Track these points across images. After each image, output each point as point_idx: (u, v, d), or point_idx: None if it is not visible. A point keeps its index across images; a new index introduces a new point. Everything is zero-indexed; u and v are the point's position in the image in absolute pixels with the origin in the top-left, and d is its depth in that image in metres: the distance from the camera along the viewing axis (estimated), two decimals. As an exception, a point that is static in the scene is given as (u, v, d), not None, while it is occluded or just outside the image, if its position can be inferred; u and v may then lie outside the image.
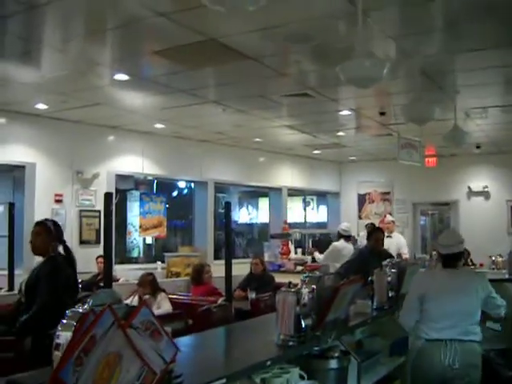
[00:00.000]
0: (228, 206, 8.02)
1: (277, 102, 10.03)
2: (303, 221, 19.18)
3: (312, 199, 19.73)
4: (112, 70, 8.24)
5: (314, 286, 4.12)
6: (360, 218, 18.06)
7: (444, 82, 8.98)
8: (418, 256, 13.96)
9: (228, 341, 4.76)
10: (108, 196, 6.45)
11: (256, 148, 15.22)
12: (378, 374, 5.41)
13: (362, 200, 18.39)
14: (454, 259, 5.35)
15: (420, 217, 18.36)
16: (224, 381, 3.09)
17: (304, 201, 19.57)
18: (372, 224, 13.02)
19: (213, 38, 6.73)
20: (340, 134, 13.31)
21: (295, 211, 19.08)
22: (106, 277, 6.36)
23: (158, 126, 12.09)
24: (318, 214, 19.85)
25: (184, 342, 4.29)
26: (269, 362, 3.64)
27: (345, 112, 10.93)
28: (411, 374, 5.44)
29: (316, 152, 16.07)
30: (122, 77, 8.46)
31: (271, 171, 16.34)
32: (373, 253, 8.48)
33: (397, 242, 12.47)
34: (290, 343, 3.95)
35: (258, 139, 13.92)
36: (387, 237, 12.22)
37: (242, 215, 19.89)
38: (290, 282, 4.16)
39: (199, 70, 8.17)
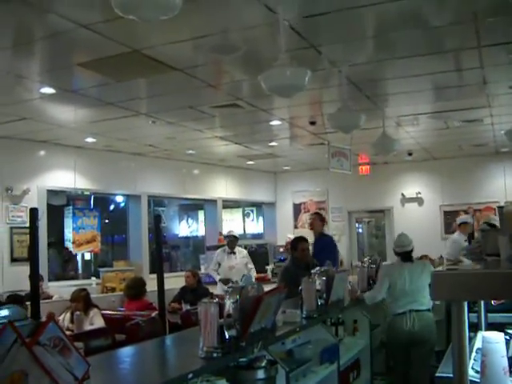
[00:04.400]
0: (158, 220, 7.95)
1: (207, 113, 9.97)
2: (243, 232, 19.13)
3: (252, 210, 19.69)
4: (38, 83, 8.09)
5: (237, 297, 4.09)
6: (296, 227, 18.12)
7: (372, 91, 9.06)
8: (355, 263, 13.95)
9: (152, 355, 4.69)
10: (33, 212, 6.32)
11: (189, 160, 15.11)
12: (308, 383, 5.42)
13: (297, 210, 18.43)
14: (409, 254, 7.41)
15: (356, 224, 18.52)
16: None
17: (243, 212, 19.55)
18: (233, 236, 12.72)
19: (137, 50, 6.67)
20: (273, 144, 13.33)
21: (235, 223, 19.02)
22: (32, 294, 6.21)
23: (89, 139, 11.91)
24: (257, 225, 19.79)
25: (106, 357, 4.22)
26: (190, 375, 3.59)
27: (276, 122, 10.95)
28: (386, 343, 7.61)
29: (250, 163, 16.05)
30: (48, 90, 8.31)
31: (205, 183, 16.24)
32: (300, 265, 8.36)
33: (241, 257, 12.48)
34: (214, 355, 3.91)
35: (190, 151, 13.82)
36: (230, 253, 12.29)
37: (182, 228, 19.78)
38: (212, 293, 4.13)
39: (127, 82, 8.07)
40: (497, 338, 2.70)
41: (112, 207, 17.15)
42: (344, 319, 7.10)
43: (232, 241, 12.49)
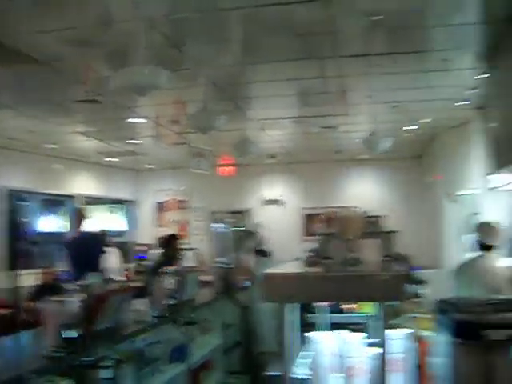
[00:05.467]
0: (13, 215, 7.74)
1: (68, 108, 9.74)
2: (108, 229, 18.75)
3: (118, 207, 19.39)
4: None
5: (83, 295, 4.06)
6: (158, 226, 18.03)
7: (235, 93, 9.15)
8: (222, 259, 13.90)
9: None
10: None
11: (51, 155, 14.59)
12: (156, 382, 5.43)
13: (159, 208, 18.39)
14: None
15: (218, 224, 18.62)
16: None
17: (109, 209, 19.22)
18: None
19: (-5, 39, 6.46)
20: (135, 141, 13.18)
21: (98, 220, 18.64)
22: None
23: None
24: (122, 222, 19.44)
25: None
26: (31, 375, 3.52)
27: (138, 120, 10.84)
28: None
29: (112, 160, 15.78)
30: None
31: (67, 179, 15.77)
32: (171, 262, 8.28)
33: (114, 257, 11.88)
34: (57, 354, 3.86)
35: (52, 145, 13.40)
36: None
37: (44, 224, 19.23)
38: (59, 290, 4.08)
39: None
40: (323, 338, 2.82)
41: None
42: (196, 319, 7.13)
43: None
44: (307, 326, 3.96)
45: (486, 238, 6.34)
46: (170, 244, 8.82)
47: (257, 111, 10.43)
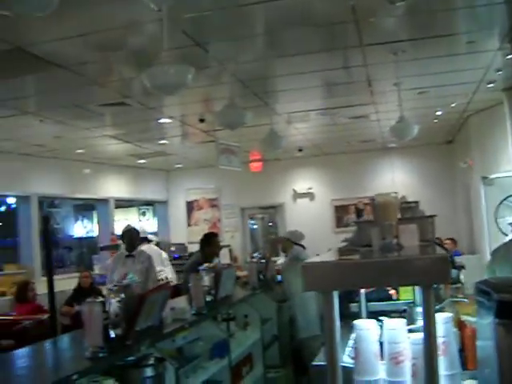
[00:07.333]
0: (46, 221, 7.80)
1: (95, 112, 9.77)
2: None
3: (148, 209, 19.48)
4: None
5: (122, 295, 4.08)
6: (189, 225, 18.10)
7: (260, 88, 9.14)
8: (255, 254, 13.92)
9: (37, 358, 4.61)
10: None
11: (79, 159, 14.67)
12: (198, 378, 5.45)
13: (190, 207, 18.42)
14: None
15: (249, 220, 18.66)
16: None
17: (138, 211, 19.32)
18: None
19: (19, 47, 6.49)
20: (163, 142, 13.21)
21: (130, 222, 18.71)
22: None
23: (-28, 139, 11.47)
24: (154, 223, 19.54)
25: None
26: (75, 376, 3.55)
27: (165, 120, 10.86)
28: None
29: (141, 161, 15.83)
30: None
31: (97, 183, 15.81)
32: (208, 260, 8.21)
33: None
34: (100, 355, 3.88)
35: (80, 150, 13.43)
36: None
37: (77, 229, 19.41)
38: (96, 293, 4.10)
39: (10, 80, 7.84)
40: (367, 325, 2.80)
41: (3, 209, 16.68)
42: (235, 314, 7.14)
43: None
44: (349, 315, 3.95)
45: (521, 219, 6.25)
46: (209, 242, 8.80)
47: (283, 105, 10.42)
